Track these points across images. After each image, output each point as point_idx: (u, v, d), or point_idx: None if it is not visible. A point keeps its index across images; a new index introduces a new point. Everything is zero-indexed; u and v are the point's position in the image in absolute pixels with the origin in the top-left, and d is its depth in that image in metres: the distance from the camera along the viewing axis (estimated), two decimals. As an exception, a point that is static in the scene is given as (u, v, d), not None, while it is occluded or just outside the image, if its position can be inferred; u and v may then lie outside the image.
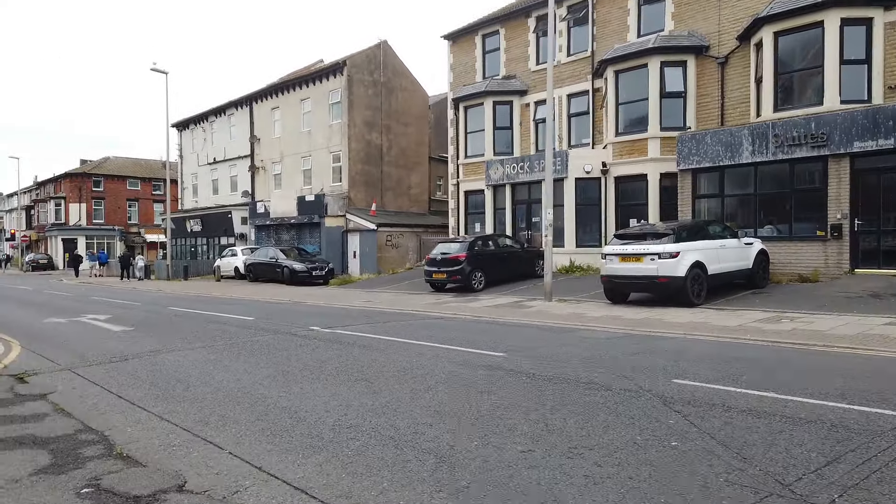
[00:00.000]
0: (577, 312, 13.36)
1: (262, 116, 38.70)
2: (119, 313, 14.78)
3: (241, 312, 14.50)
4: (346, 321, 12.25)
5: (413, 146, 35.91)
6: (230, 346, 9.14)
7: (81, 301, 19.89)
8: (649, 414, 5.02)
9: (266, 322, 12.12)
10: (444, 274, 19.59)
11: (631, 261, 13.72)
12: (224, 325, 11.69)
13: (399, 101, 35.04)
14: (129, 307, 16.82)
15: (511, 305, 15.47)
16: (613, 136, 21.83)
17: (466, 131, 27.45)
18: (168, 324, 12.16)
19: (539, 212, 23.57)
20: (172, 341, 9.76)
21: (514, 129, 26.35)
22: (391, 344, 9.01)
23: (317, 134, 34.46)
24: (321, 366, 7.42)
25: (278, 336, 10.08)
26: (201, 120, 44.99)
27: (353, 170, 32.80)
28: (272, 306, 16.93)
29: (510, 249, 20.84)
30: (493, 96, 26.21)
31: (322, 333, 10.37)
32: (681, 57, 20.63)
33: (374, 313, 14.26)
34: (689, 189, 18.16)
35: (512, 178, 24.11)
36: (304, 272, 27.89)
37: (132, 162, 68.89)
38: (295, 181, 35.94)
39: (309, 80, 34.93)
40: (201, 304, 17.50)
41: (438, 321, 12.39)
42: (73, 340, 10.20)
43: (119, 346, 9.48)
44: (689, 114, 20.68)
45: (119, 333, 10.93)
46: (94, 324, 12.55)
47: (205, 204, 44.56)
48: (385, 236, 31.27)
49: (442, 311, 14.61)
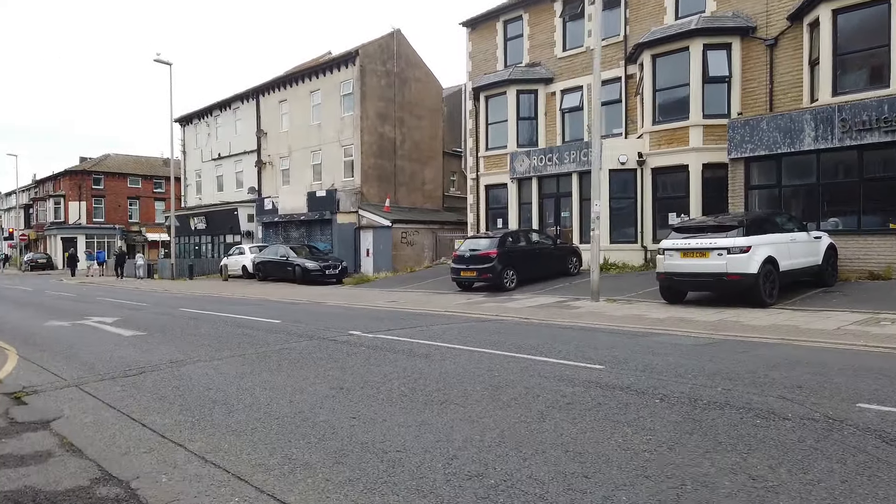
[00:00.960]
0: (634, 314, 12.02)
1: (270, 110, 37.33)
2: (127, 315, 13.42)
3: (262, 314, 13.15)
4: (383, 324, 10.89)
5: (427, 140, 34.56)
6: (264, 355, 7.79)
7: (84, 302, 18.53)
8: (881, 458, 3.67)
9: (296, 326, 10.76)
10: (473, 272, 18.23)
11: (694, 256, 12.37)
12: (249, 330, 10.32)
13: (413, 93, 33.68)
14: (137, 308, 15.45)
15: (555, 306, 14.12)
16: (650, 125, 20.48)
17: (487, 122, 26.08)
18: (185, 328, 10.80)
19: (568, 206, 22.24)
20: (194, 349, 8.40)
21: (538, 120, 24.98)
22: (454, 352, 7.64)
23: (327, 127, 33.09)
24: (385, 381, 6.07)
25: (316, 342, 8.72)
26: (205, 115, 43.61)
27: (366, 164, 31.43)
28: (293, 307, 15.58)
29: (542, 246, 19.49)
30: (517, 85, 24.84)
31: (365, 339, 9.01)
32: (725, 39, 19.26)
33: (408, 315, 12.91)
34: (742, 179, 16.81)
35: (539, 170, 22.75)
36: (317, 271, 26.55)
37: (132, 159, 67.49)
38: (304, 176, 34.57)
39: (319, 71, 33.55)
40: (215, 305, 16.15)
41: (486, 324, 11.03)
42: (78, 348, 8.84)
43: (133, 354, 8.13)
44: (734, 100, 19.32)
45: (131, 339, 9.57)
46: (102, 328, 11.20)
47: (209, 201, 43.19)
48: (400, 233, 29.91)
49: (481, 312, 13.26)
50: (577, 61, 23.90)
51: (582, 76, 23.70)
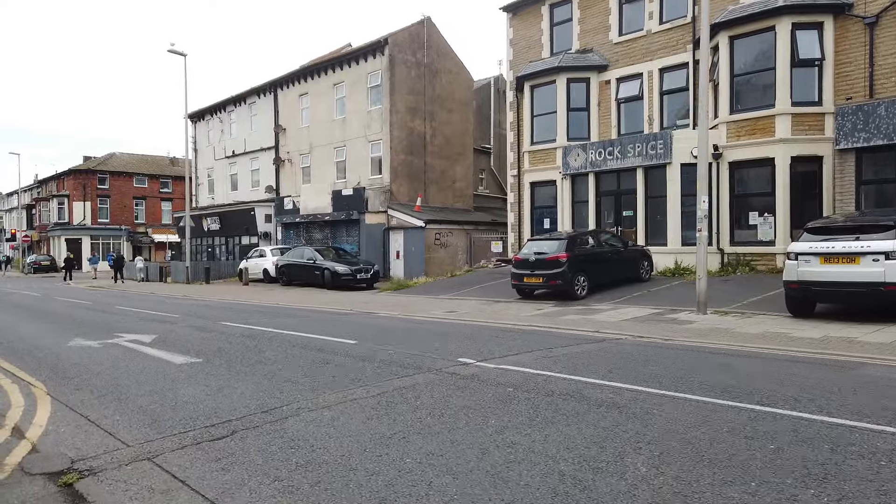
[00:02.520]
0: (770, 331, 10.05)
1: (288, 104, 35.34)
2: (164, 332, 11.43)
3: (325, 331, 11.17)
4: (486, 346, 8.90)
5: (458, 135, 32.57)
6: (384, 401, 5.76)
7: (104, 311, 16.53)
8: None
9: (382, 349, 8.74)
10: (539, 278, 16.25)
11: (840, 262, 10.40)
12: (330, 356, 8.31)
13: (443, 85, 31.69)
14: (169, 321, 13.46)
15: (655, 319, 12.14)
16: (727, 114, 18.52)
17: (533, 114, 24.09)
18: (245, 352, 8.79)
19: (632, 204, 20.26)
20: (280, 387, 6.41)
21: (590, 111, 23.00)
22: (644, 399, 5.57)
23: (353, 121, 31.10)
24: (618, 462, 4.05)
25: (432, 377, 6.72)
26: (218, 110, 41.63)
27: (395, 160, 29.44)
28: (349, 321, 13.60)
29: (613, 248, 17.51)
30: (568, 72, 22.85)
31: (490, 372, 7.01)
32: (816, 17, 17.31)
33: (495, 331, 10.94)
34: (853, 173, 14.84)
35: (597, 165, 20.76)
36: (347, 275, 24.57)
37: (139, 158, 65.52)
38: (327, 174, 32.57)
39: (343, 62, 31.57)
40: (258, 318, 14.16)
41: (610, 346, 9.04)
42: (125, 383, 6.87)
43: (202, 395, 6.14)
44: (826, 85, 17.35)
45: (187, 370, 7.58)
46: (141, 350, 9.20)
47: (222, 201, 41.20)
48: (434, 234, 27.93)
49: (573, 327, 11.30)
50: (635, 46, 21.92)
51: (641, 63, 21.74)
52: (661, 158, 19.02)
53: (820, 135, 17.39)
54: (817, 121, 17.42)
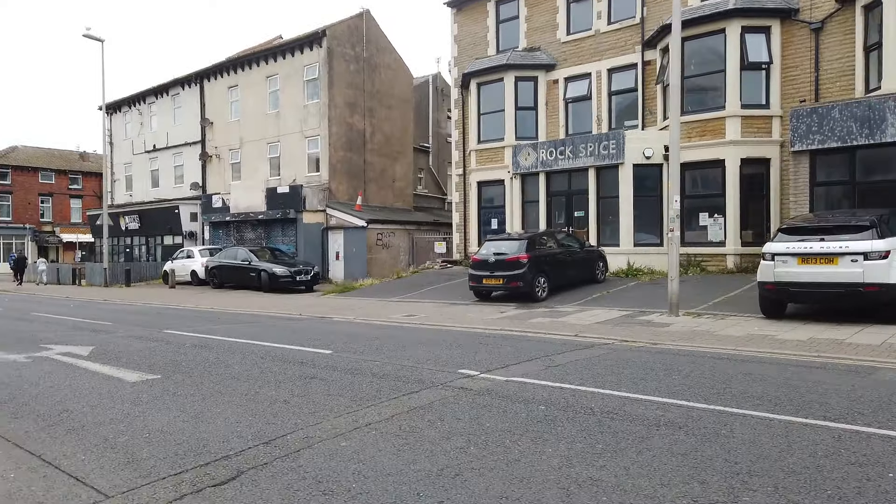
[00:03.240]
0: (752, 333, 9.87)
1: (216, 96, 33.46)
2: (99, 342, 10.12)
3: (287, 339, 10.19)
4: (479, 355, 8.21)
5: (397, 133, 31.73)
6: (403, 423, 4.95)
7: (19, 318, 14.77)
8: None
9: (367, 361, 7.88)
10: (499, 279, 15.71)
11: (818, 263, 10.35)
12: (308, 368, 7.40)
13: (382, 81, 30.77)
14: (102, 329, 12.05)
15: (627, 322, 11.81)
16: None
17: (479, 112, 23.62)
18: (209, 367, 7.74)
19: (584, 205, 20.07)
20: (268, 408, 5.49)
21: (538, 110, 22.77)
22: (721, 419, 5.01)
23: (288, 116, 29.71)
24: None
25: (443, 394, 5.94)
26: (137, 101, 39.06)
27: (334, 157, 28.31)
28: (306, 326, 12.62)
29: (570, 249, 17.20)
30: (516, 70, 22.52)
31: (503, 385, 6.32)
32: (764, 21, 17.63)
33: (467, 336, 10.31)
34: (806, 175, 15.05)
35: (548, 164, 20.47)
36: (286, 277, 23.34)
37: (44, 152, 60.92)
38: (259, 171, 31.01)
39: (278, 53, 30.11)
40: (203, 325, 12.92)
41: (616, 353, 8.54)
42: (75, 407, 5.78)
43: (176, 422, 5.15)
44: (773, 88, 17.71)
45: (144, 388, 6.52)
46: (80, 365, 7.98)
47: (141, 198, 38.67)
48: (376, 235, 27.01)
49: (554, 331, 10.83)
50: (583, 46, 21.82)
51: (590, 62, 21.66)
52: (614, 159, 18.91)
53: (768, 137, 17.73)
54: (765, 123, 17.74)
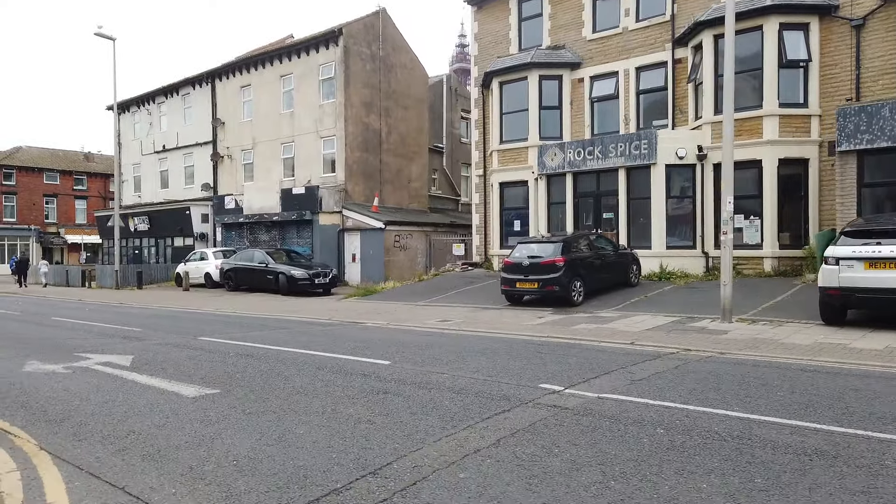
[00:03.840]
0: (822, 342, 9.39)
1: (228, 96, 32.98)
2: (137, 350, 9.65)
3: (330, 347, 9.72)
4: (545, 366, 7.74)
5: (413, 133, 31.25)
6: (517, 449, 4.45)
7: (39, 323, 14.28)
8: None
9: (429, 371, 7.40)
10: (534, 283, 15.24)
11: (889, 267, 9.89)
12: (377, 382, 6.90)
13: (398, 80, 30.30)
14: (132, 336, 11.57)
15: (679, 329, 11.34)
16: (712, 115, 18.17)
17: (502, 112, 23.15)
18: (266, 378, 7.26)
19: (613, 206, 19.61)
20: (355, 429, 5.03)
21: (563, 109, 22.29)
22: (878, 447, 4.59)
23: (302, 116, 29.23)
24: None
25: (540, 413, 5.48)
26: (146, 101, 38.55)
27: (350, 158, 27.83)
28: (342, 333, 12.14)
29: (605, 252, 16.73)
30: (540, 69, 22.04)
31: (604, 405, 5.76)
32: (803, 18, 17.17)
33: (520, 345, 9.84)
34: (854, 175, 14.60)
35: (576, 165, 19.99)
36: (305, 280, 22.86)
37: (49, 153, 60.43)
38: (273, 172, 30.52)
39: (292, 52, 29.63)
40: (233, 330, 12.46)
41: (694, 365, 8.07)
42: (140, 427, 5.31)
43: (260, 446, 4.69)
44: (812, 87, 17.24)
45: (207, 404, 6.05)
46: (127, 377, 7.50)
47: (150, 199, 38.17)
48: (393, 237, 26.52)
49: (606, 339, 10.37)
50: (610, 44, 21.34)
51: (617, 61, 21.18)
52: (646, 159, 18.45)
53: (806, 137, 17.27)
54: (804, 123, 17.29)
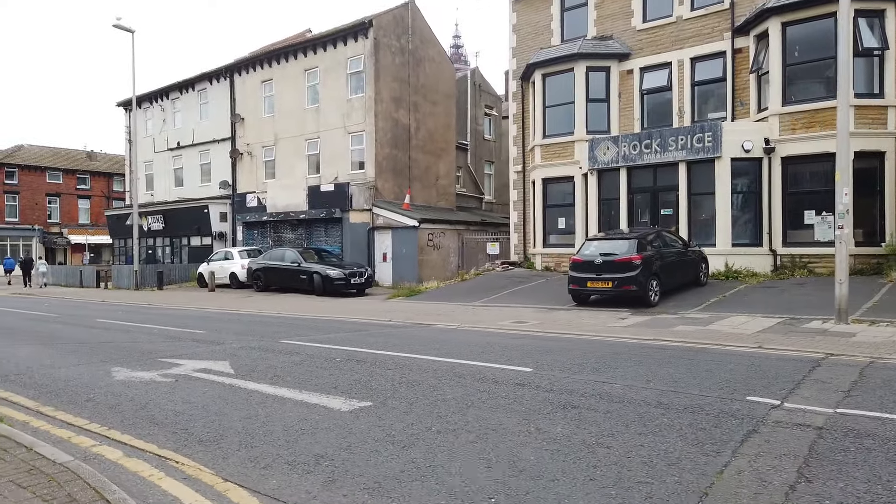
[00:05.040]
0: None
1: (248, 91, 31.98)
2: (221, 354, 8.75)
3: (437, 350, 8.85)
4: (717, 374, 6.91)
5: (441, 129, 30.37)
6: (835, 494, 3.66)
7: (88, 326, 13.28)
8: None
9: (591, 380, 6.56)
10: (607, 282, 14.40)
11: None
12: (553, 394, 5.96)
13: (427, 75, 29.42)
14: (203, 340, 10.64)
15: (793, 331, 10.53)
16: (779, 106, 17.42)
17: (545, 105, 22.32)
18: (410, 388, 6.39)
19: (672, 202, 18.82)
20: (590, 456, 4.18)
21: (610, 102, 21.49)
22: None
23: (329, 111, 28.29)
24: None
25: (782, 432, 4.61)
26: (159, 97, 37.48)
27: (380, 154, 26.92)
28: (431, 337, 11.28)
29: (676, 250, 15.92)
30: (587, 60, 21.23)
31: (856, 422, 4.95)
32: (878, 5, 16.48)
33: (651, 350, 8.99)
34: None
35: (631, 159, 19.18)
36: (340, 280, 21.95)
37: (51, 151, 59.13)
38: (296, 169, 29.55)
39: (318, 45, 28.68)
40: (303, 332, 11.56)
41: (878, 371, 7.25)
42: (320, 448, 4.45)
43: (501, 477, 3.83)
44: (888, 77, 16.56)
45: (370, 420, 5.17)
46: (249, 387, 6.58)
47: (164, 197, 37.09)
48: (427, 235, 25.63)
49: (718, 341, 9.58)
50: (662, 34, 20.56)
51: (670, 51, 20.40)
52: (709, 152, 17.66)
53: (882, 129, 16.56)
54: (880, 114, 16.57)
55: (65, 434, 5.02)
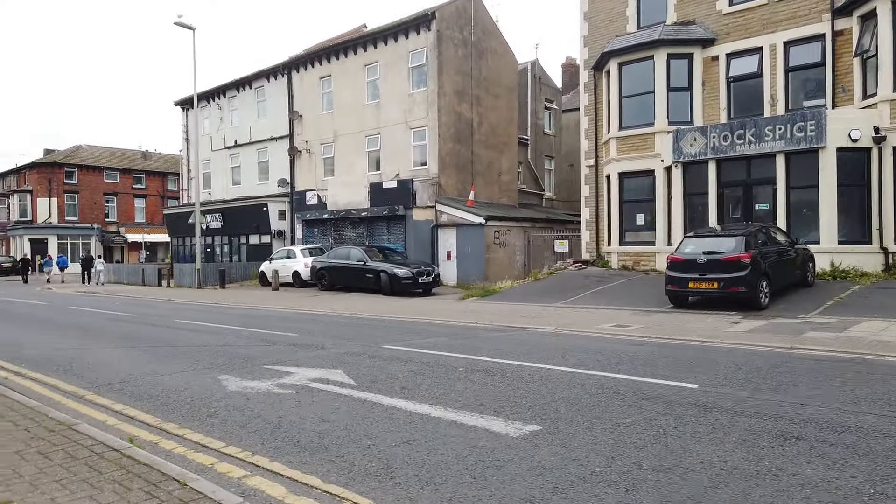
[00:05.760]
0: None
1: (306, 88, 31.61)
2: (328, 361, 8.12)
3: (584, 362, 8.01)
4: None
5: (503, 123, 29.48)
6: None
7: (171, 327, 12.85)
8: None
9: (782, 401, 5.64)
10: (712, 283, 13.33)
11: None
12: (740, 418, 5.15)
13: (489, 67, 28.56)
14: (300, 344, 10.02)
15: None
16: (890, 91, 16.04)
17: (621, 95, 21.24)
18: (573, 409, 5.56)
19: (768, 196, 17.59)
20: None
21: (693, 91, 20.27)
22: None
23: (389, 106, 27.68)
24: None
25: None
26: (215, 95, 37.50)
27: (444, 149, 26.17)
28: (534, 342, 10.46)
29: (782, 247, 14.72)
30: (669, 47, 20.07)
31: None
32: None
33: (799, 360, 7.99)
34: None
35: (722, 151, 18.00)
36: (408, 279, 21.29)
37: (108, 151, 60.23)
38: (356, 166, 29.03)
39: (378, 39, 28.08)
40: (398, 335, 10.85)
41: None
42: (519, 489, 3.65)
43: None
44: None
45: (556, 451, 4.39)
46: (382, 402, 5.85)
47: (221, 196, 37.11)
48: (493, 233, 24.79)
49: (869, 350, 8.48)
50: (752, 17, 19.27)
51: (760, 35, 19.10)
52: (812, 142, 16.38)
53: None
54: None
55: (205, 460, 4.35)
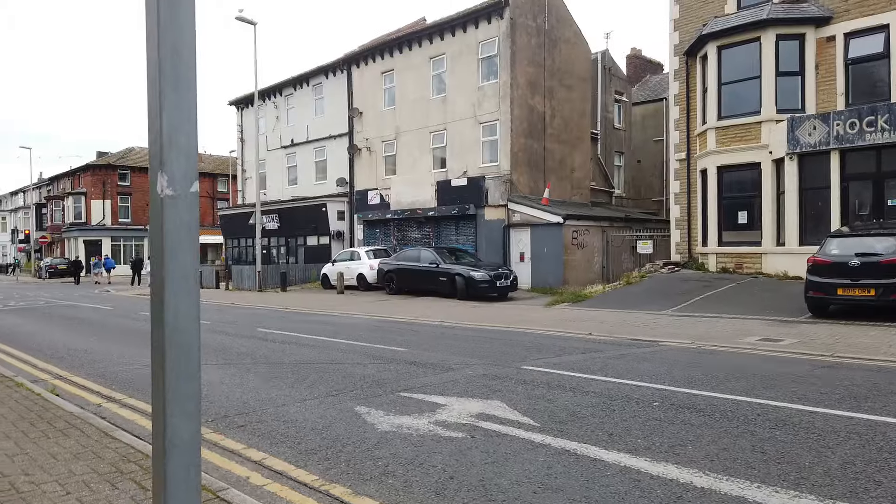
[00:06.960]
0: None
1: (367, 83, 30.41)
2: (477, 389, 6.68)
3: (730, 388, 6.42)
4: None
5: (575, 117, 27.80)
6: None
7: (254, 337, 11.61)
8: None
9: None
10: (869, 289, 11.52)
11: None
12: None
13: (563, 57, 26.92)
14: (413, 362, 8.64)
15: None
16: None
17: (720, 82, 19.41)
18: (848, 472, 3.99)
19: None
20: None
21: (805, 75, 18.34)
22: None
23: (457, 100, 26.25)
24: None
25: None
26: (271, 94, 36.67)
27: (516, 145, 24.62)
28: (672, 358, 8.85)
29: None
30: (777, 27, 18.20)
31: None
32: None
33: None
34: None
35: (847, 140, 16.07)
36: (485, 282, 19.81)
37: (159, 153, 60.17)
38: (420, 163, 27.68)
39: (445, 30, 26.69)
40: (524, 352, 9.37)
41: None
42: None
43: None
44: None
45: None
46: (574, 451, 4.43)
47: (277, 196, 36.21)
48: (571, 233, 23.15)
49: None
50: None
51: (886, 11, 17.10)
52: (961, 128, 14.39)
53: None
54: None
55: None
